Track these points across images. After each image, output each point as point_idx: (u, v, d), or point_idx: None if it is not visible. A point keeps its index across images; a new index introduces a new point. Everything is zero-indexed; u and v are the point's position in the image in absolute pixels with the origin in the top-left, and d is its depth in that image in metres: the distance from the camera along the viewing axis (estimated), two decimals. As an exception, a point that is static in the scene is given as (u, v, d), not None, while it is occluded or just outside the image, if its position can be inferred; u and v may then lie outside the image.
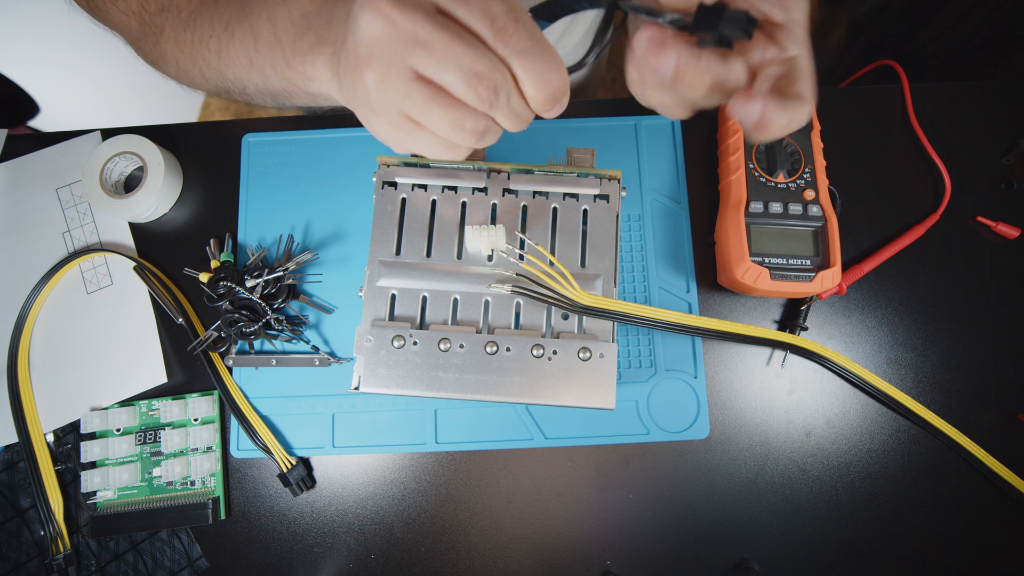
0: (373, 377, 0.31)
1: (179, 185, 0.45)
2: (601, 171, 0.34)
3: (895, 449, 0.41)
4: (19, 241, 0.44)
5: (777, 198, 0.39)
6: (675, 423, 0.40)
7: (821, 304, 0.42)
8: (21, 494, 0.41)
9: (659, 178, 0.44)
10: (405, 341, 0.31)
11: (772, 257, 0.38)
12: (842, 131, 0.44)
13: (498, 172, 0.34)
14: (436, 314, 0.32)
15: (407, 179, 0.34)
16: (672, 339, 0.41)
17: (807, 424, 0.41)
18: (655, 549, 0.40)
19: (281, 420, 0.41)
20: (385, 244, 0.33)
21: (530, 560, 0.40)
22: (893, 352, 0.42)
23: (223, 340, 0.41)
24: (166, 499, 0.40)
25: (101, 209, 0.42)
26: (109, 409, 0.41)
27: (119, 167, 0.44)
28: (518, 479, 0.41)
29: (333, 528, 0.40)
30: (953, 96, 0.45)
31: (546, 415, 0.40)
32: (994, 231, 0.43)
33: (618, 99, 0.46)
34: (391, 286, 0.33)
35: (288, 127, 0.45)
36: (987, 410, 0.41)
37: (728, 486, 0.40)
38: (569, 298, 0.31)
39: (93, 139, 0.46)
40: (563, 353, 0.31)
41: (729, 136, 0.41)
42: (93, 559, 0.40)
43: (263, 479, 0.41)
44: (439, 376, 0.31)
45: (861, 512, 0.40)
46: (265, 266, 0.40)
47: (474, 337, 0.31)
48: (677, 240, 0.43)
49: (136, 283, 0.43)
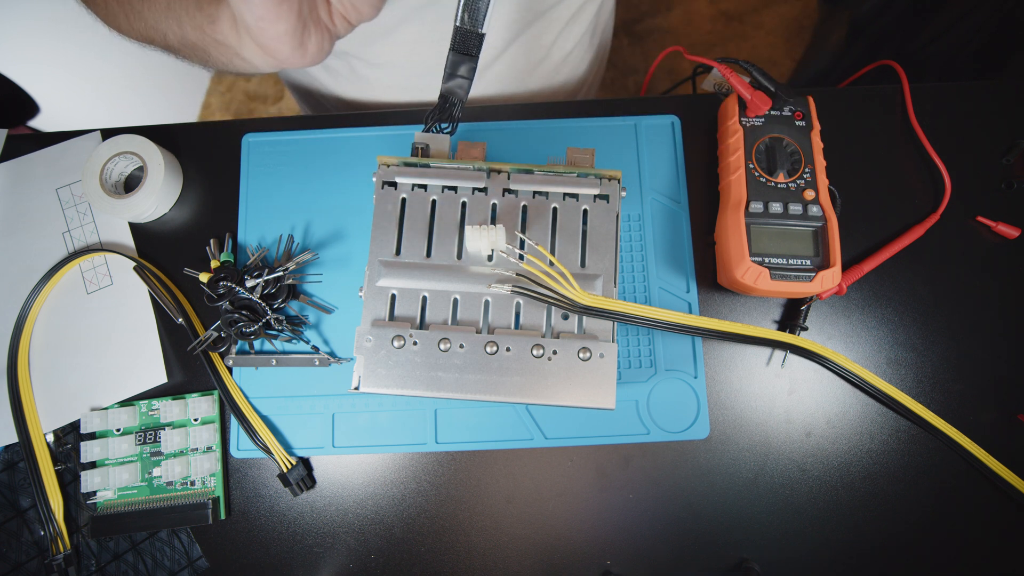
0: (373, 377, 0.31)
1: (179, 185, 0.45)
2: (601, 171, 0.34)
3: (895, 449, 0.41)
4: (19, 241, 0.44)
5: (777, 198, 0.39)
6: (675, 423, 0.40)
7: (821, 304, 0.42)
8: (21, 494, 0.41)
9: (659, 178, 0.44)
10: (405, 341, 0.31)
11: (772, 257, 0.38)
12: (842, 131, 0.44)
13: (498, 172, 0.34)
14: (436, 314, 0.32)
15: (407, 179, 0.34)
16: (672, 339, 0.41)
17: (807, 424, 0.41)
18: (655, 549, 0.40)
19: (281, 420, 0.41)
20: (385, 244, 0.33)
21: (530, 560, 0.40)
22: (893, 352, 0.42)
23: (223, 340, 0.41)
24: (166, 499, 0.40)
25: (101, 209, 0.42)
26: (109, 409, 0.41)
27: (119, 167, 0.44)
28: (518, 479, 0.41)
29: (333, 528, 0.40)
30: (953, 96, 0.45)
31: (546, 415, 0.40)
32: (994, 231, 0.43)
33: (618, 99, 0.46)
34: (391, 286, 0.33)
35: (288, 127, 0.45)
36: (987, 410, 0.41)
37: (728, 486, 0.40)
38: (569, 298, 0.31)
39: (93, 139, 0.46)
40: (563, 353, 0.31)
41: (729, 136, 0.41)
42: (93, 559, 0.40)
43: (263, 479, 0.41)
44: (439, 376, 0.31)
45: (861, 512, 0.40)
46: (265, 266, 0.40)
47: (474, 337, 0.31)
48: (677, 240, 0.43)
49: (136, 283, 0.43)
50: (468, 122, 0.45)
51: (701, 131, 0.45)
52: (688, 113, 0.45)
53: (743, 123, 0.40)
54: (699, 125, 0.45)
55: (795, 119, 0.40)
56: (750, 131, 0.40)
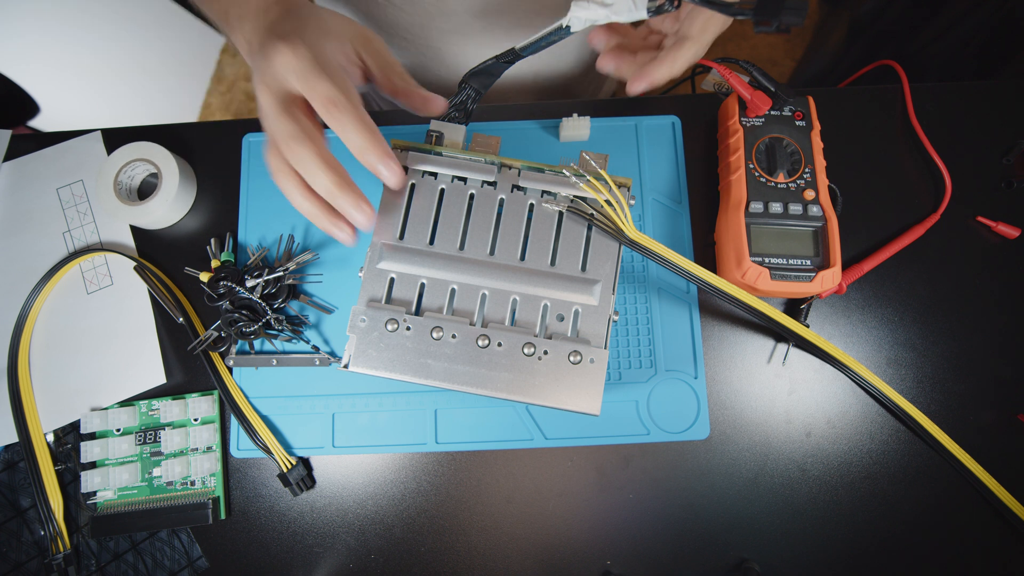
0: (363, 357, 0.31)
1: (192, 193, 0.45)
2: (611, 177, 0.34)
3: (895, 449, 0.41)
4: (19, 241, 0.44)
5: (777, 198, 0.39)
6: (675, 423, 0.40)
7: (821, 304, 0.42)
8: (21, 494, 0.41)
9: (659, 178, 0.44)
10: (399, 325, 0.31)
11: (772, 257, 0.38)
12: (842, 131, 0.44)
13: (509, 168, 0.34)
14: (432, 302, 0.32)
15: (418, 166, 0.34)
16: (672, 339, 0.41)
17: (807, 424, 0.41)
18: (655, 549, 0.40)
19: (281, 420, 0.41)
20: (390, 227, 0.33)
21: (530, 560, 0.40)
22: (893, 352, 0.42)
23: (223, 340, 0.41)
24: (166, 499, 0.40)
25: (113, 215, 0.42)
26: (109, 409, 0.41)
27: (134, 173, 0.43)
28: (518, 479, 0.41)
29: (333, 528, 0.40)
30: (953, 96, 0.45)
31: (546, 415, 0.40)
32: (994, 231, 0.43)
33: (618, 99, 0.46)
34: (391, 269, 0.33)
35: (288, 127, 0.45)
36: (987, 410, 0.41)
37: (728, 486, 0.40)
38: (619, 228, 0.33)
39: (93, 139, 0.46)
40: (554, 354, 0.31)
41: (729, 136, 0.41)
42: (93, 559, 0.40)
43: (263, 479, 0.41)
44: (428, 363, 0.31)
45: (861, 512, 0.40)
46: (265, 266, 0.40)
47: (467, 329, 0.31)
48: (677, 240, 0.43)
49: (136, 283, 0.43)
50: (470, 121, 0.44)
51: (701, 131, 0.45)
52: (688, 113, 0.45)
53: (743, 123, 0.40)
54: (699, 125, 0.45)
55: (795, 119, 0.40)
56: (750, 131, 0.40)
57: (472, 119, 0.36)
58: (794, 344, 0.41)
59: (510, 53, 0.34)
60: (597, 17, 0.31)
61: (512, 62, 0.34)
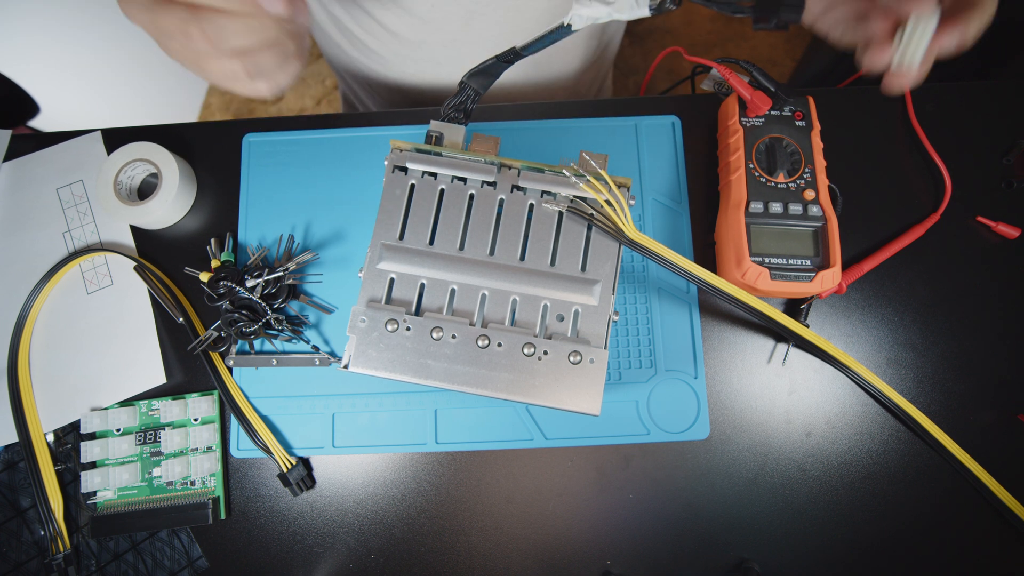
0: (363, 358, 0.31)
1: (192, 194, 0.45)
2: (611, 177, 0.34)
3: (895, 449, 0.41)
4: (19, 241, 0.44)
5: (777, 198, 0.39)
6: (675, 423, 0.40)
7: (821, 304, 0.42)
8: (21, 494, 0.41)
9: (659, 178, 0.44)
10: (398, 325, 0.31)
11: (772, 257, 0.38)
12: (842, 131, 0.44)
13: (508, 168, 0.34)
14: (432, 302, 0.33)
15: (418, 166, 0.34)
16: (672, 339, 0.41)
17: (807, 424, 0.41)
18: (655, 549, 0.40)
19: (281, 420, 0.41)
20: (390, 228, 0.33)
21: (530, 560, 0.40)
22: (893, 352, 0.42)
23: (223, 340, 0.41)
24: (166, 499, 0.40)
25: (113, 215, 0.42)
26: (109, 409, 0.41)
27: (136, 172, 0.43)
28: (518, 479, 0.41)
29: (333, 528, 0.40)
30: (953, 96, 0.45)
31: (546, 415, 0.40)
32: (994, 231, 0.43)
33: (618, 99, 0.46)
34: (391, 270, 0.33)
35: (288, 127, 0.45)
36: (987, 410, 0.41)
37: (728, 486, 0.40)
38: (619, 228, 0.33)
39: (93, 139, 0.46)
40: (554, 354, 0.31)
41: (729, 136, 0.41)
42: (93, 559, 0.40)
43: (263, 479, 0.41)
44: (428, 364, 0.31)
45: (861, 512, 0.40)
46: (265, 266, 0.40)
47: (467, 329, 0.31)
48: (677, 240, 0.43)
49: (136, 283, 0.43)
50: (469, 121, 0.45)
51: (701, 131, 0.45)
52: (688, 113, 0.45)
53: (743, 123, 0.40)
54: (699, 125, 0.45)
55: (795, 119, 0.40)
56: (750, 131, 0.40)
57: (472, 119, 0.36)
58: (794, 344, 0.41)
59: (510, 53, 0.34)
60: (599, 15, 0.31)
61: (512, 62, 0.34)
